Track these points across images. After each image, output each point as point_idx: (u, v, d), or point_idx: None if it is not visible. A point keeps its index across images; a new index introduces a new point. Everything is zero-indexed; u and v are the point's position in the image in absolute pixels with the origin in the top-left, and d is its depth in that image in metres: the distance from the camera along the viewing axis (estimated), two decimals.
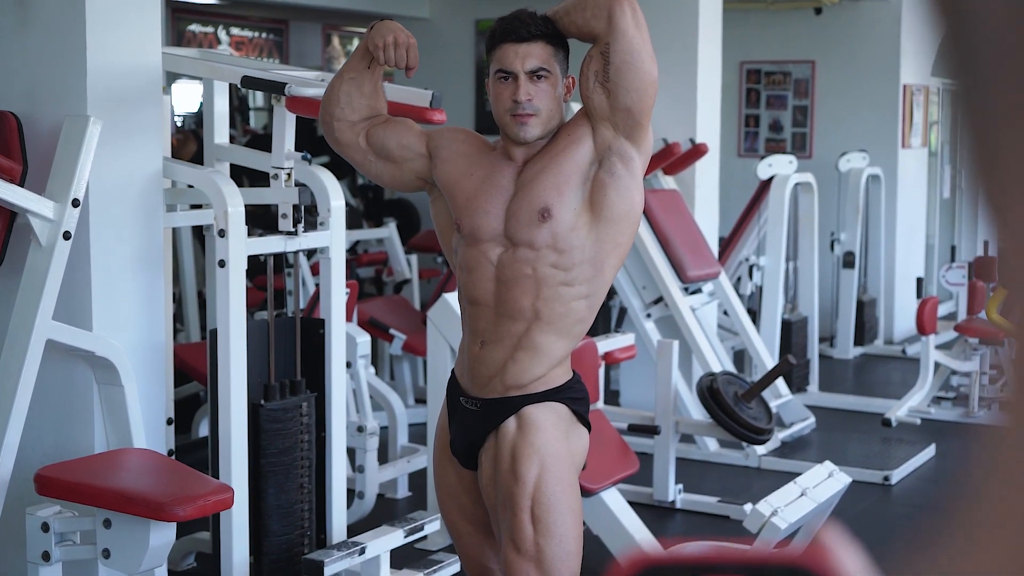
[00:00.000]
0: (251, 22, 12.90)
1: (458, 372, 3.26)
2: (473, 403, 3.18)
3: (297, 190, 4.30)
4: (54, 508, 3.71)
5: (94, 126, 3.90)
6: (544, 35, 3.11)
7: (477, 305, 3.15)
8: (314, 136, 11.57)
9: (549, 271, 3.07)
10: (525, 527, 3.01)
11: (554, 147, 3.11)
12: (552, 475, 3.05)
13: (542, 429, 3.09)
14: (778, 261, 7.99)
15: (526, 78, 3.08)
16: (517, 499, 3.02)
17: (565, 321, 3.11)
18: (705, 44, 7.47)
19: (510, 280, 3.10)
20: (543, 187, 3.07)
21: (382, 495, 5.81)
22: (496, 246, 3.12)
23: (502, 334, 3.11)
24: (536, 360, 3.11)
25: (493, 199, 3.13)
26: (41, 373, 3.83)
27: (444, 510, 3.33)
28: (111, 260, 4.09)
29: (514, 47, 3.10)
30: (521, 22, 3.11)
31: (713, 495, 5.97)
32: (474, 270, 3.15)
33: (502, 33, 3.13)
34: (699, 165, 7.50)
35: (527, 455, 3.06)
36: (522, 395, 3.12)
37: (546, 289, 3.08)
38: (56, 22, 4.03)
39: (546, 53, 3.10)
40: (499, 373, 3.12)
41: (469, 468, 3.23)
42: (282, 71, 4.49)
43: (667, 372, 5.86)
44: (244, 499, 4.12)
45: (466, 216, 3.15)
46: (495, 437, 3.13)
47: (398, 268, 8.81)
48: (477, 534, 3.27)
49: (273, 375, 4.38)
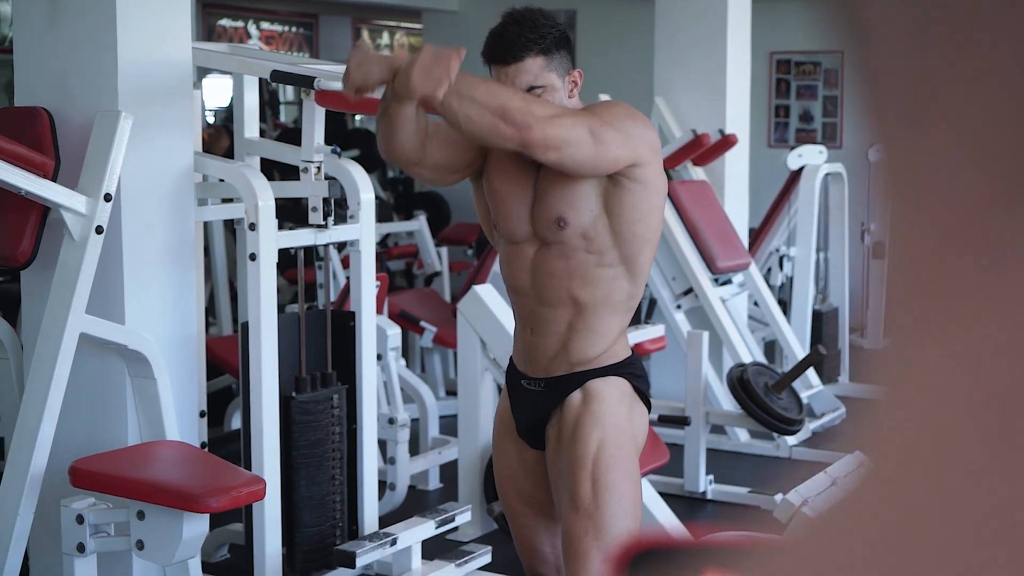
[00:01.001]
0: (281, 16, 12.94)
1: (515, 358, 3.32)
2: (536, 384, 3.24)
3: (327, 183, 4.32)
4: (88, 500, 3.74)
5: (125, 121, 3.93)
6: (532, 50, 3.06)
7: (518, 294, 3.24)
8: (344, 129, 11.60)
9: (583, 256, 3.13)
10: (584, 485, 3.07)
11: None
12: (613, 441, 3.12)
13: (606, 401, 3.16)
14: (808, 251, 7.96)
15: None
16: (578, 459, 3.09)
17: (611, 299, 3.17)
18: (734, 35, 7.46)
19: (546, 272, 3.17)
20: (555, 199, 3.11)
21: (413, 487, 5.83)
22: (531, 244, 3.20)
23: (548, 321, 3.18)
24: (593, 339, 3.18)
25: (520, 204, 3.19)
26: (75, 367, 3.86)
27: (502, 493, 3.39)
28: (143, 254, 4.12)
29: (503, 69, 3.08)
30: (507, 43, 3.07)
31: (744, 485, 5.97)
32: (513, 263, 3.24)
33: (490, 55, 3.11)
34: (729, 156, 7.49)
35: (590, 423, 3.13)
36: (586, 370, 3.18)
37: (585, 273, 3.14)
38: (87, 18, 4.06)
39: (537, 67, 3.07)
40: (560, 353, 3.19)
41: (537, 448, 3.28)
42: (311, 65, 4.51)
43: (697, 363, 5.86)
44: (276, 491, 4.14)
45: (501, 222, 3.23)
46: (560, 411, 3.19)
47: (428, 261, 8.82)
48: (534, 517, 3.33)
49: (304, 368, 4.40)
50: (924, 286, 0.38)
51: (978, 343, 0.35)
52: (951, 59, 0.36)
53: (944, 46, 0.36)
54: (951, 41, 0.36)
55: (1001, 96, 0.35)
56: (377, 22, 14.30)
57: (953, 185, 0.36)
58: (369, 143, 11.57)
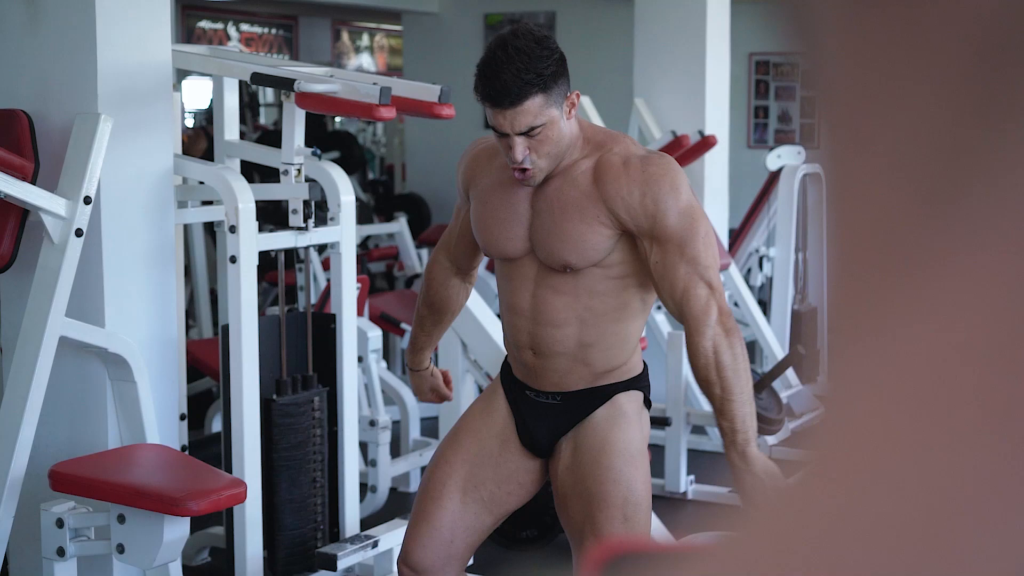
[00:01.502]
0: (260, 18, 12.92)
1: (514, 366, 3.23)
2: (549, 397, 3.14)
3: (307, 186, 4.31)
4: (68, 504, 3.73)
5: (105, 123, 3.92)
6: (532, 92, 2.91)
7: (516, 314, 3.13)
8: (324, 132, 11.60)
9: (592, 270, 3.03)
10: (616, 523, 2.99)
11: (568, 188, 3.04)
12: (642, 472, 3.06)
13: (633, 423, 3.09)
14: (788, 252, 7.98)
15: (521, 138, 2.95)
16: (610, 495, 3.00)
17: (621, 306, 3.07)
18: (713, 36, 7.47)
19: (550, 287, 3.06)
20: (560, 246, 3.01)
21: (395, 489, 5.83)
22: (532, 261, 3.09)
23: (552, 342, 3.07)
24: (612, 348, 3.08)
25: (516, 224, 3.09)
26: (54, 370, 3.85)
27: (444, 473, 3.21)
28: (123, 257, 4.11)
29: (501, 112, 2.92)
30: (503, 87, 2.89)
31: (725, 486, 5.98)
32: (513, 279, 3.13)
33: (485, 96, 2.95)
34: (708, 157, 7.50)
35: (621, 451, 3.04)
36: (612, 384, 3.10)
37: (596, 284, 3.04)
38: (66, 20, 4.05)
39: (535, 106, 2.92)
40: (573, 370, 3.08)
41: (539, 456, 3.20)
42: (292, 67, 4.51)
43: (678, 364, 5.88)
44: (257, 494, 4.14)
45: (490, 245, 3.14)
46: (583, 427, 3.09)
47: (409, 262, 8.83)
48: (462, 503, 3.19)
49: (285, 370, 4.40)
50: (859, 290, 0.38)
51: (911, 343, 0.36)
52: (888, 68, 0.37)
53: (881, 54, 0.37)
54: (888, 49, 0.37)
55: (932, 104, 0.36)
56: (357, 24, 14.30)
57: (886, 190, 0.37)
58: (349, 145, 11.57)
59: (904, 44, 0.36)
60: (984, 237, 0.35)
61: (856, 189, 0.38)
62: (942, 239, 0.36)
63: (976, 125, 0.35)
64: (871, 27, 0.37)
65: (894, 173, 0.37)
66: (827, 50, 0.39)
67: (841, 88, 0.39)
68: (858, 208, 0.38)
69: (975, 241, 0.35)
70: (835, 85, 0.39)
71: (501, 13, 10.82)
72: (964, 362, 0.35)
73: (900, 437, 0.36)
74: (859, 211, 0.38)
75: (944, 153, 0.36)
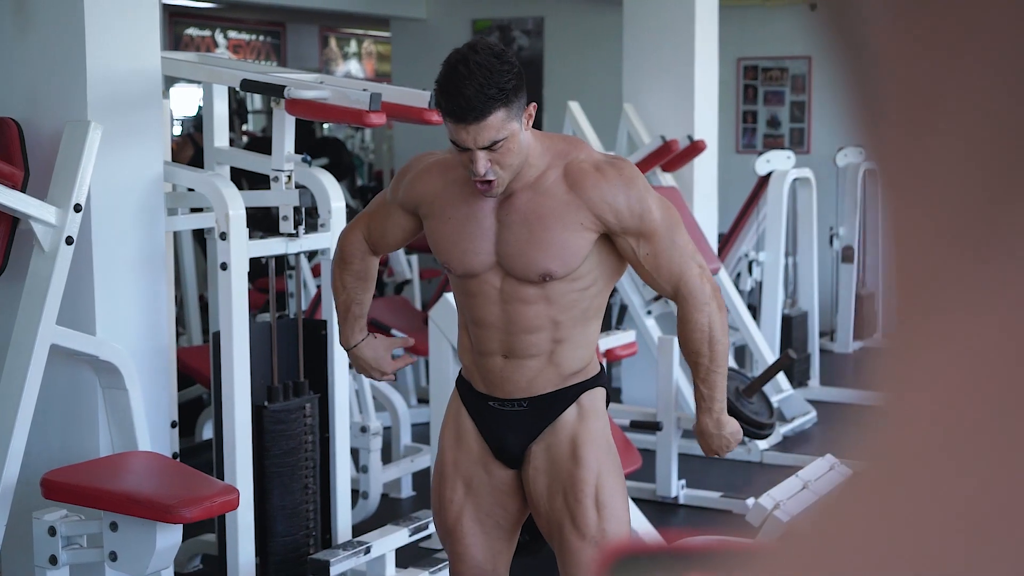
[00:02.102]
0: (248, 25, 12.92)
1: (473, 380, 3.22)
2: (516, 404, 3.15)
3: (298, 192, 4.31)
4: (60, 512, 3.72)
5: (95, 131, 3.92)
6: (494, 107, 2.90)
7: (482, 327, 3.13)
8: (313, 139, 11.59)
9: (558, 285, 3.06)
10: (590, 513, 3.08)
11: (541, 199, 3.05)
12: (612, 461, 3.15)
13: (600, 416, 3.17)
14: (777, 256, 8.00)
15: (483, 152, 2.94)
16: (582, 486, 3.08)
17: (590, 312, 3.14)
18: (702, 41, 7.49)
19: (519, 300, 3.08)
20: (540, 253, 3.03)
21: (386, 495, 5.83)
22: (496, 275, 3.10)
23: (526, 346, 3.10)
24: (579, 349, 3.14)
25: (479, 240, 3.08)
26: (46, 378, 3.85)
27: (452, 512, 3.24)
28: (113, 264, 4.11)
29: (464, 127, 2.91)
30: (466, 102, 2.87)
31: (716, 490, 5.99)
32: (476, 295, 3.13)
33: (447, 111, 2.93)
34: (697, 162, 7.51)
35: (589, 442, 3.12)
36: (579, 383, 3.15)
37: (562, 298, 3.07)
38: (56, 28, 4.04)
39: (498, 121, 2.91)
40: (545, 371, 3.12)
41: (511, 467, 3.21)
42: (281, 74, 4.51)
43: (668, 368, 5.88)
44: (249, 500, 4.14)
45: (455, 261, 3.12)
46: (553, 429, 3.14)
47: (398, 268, 8.82)
48: (482, 535, 3.23)
49: (276, 377, 4.39)
50: (925, 283, 0.38)
51: (978, 339, 0.36)
52: (951, 58, 0.37)
53: (944, 46, 0.37)
54: (951, 40, 0.37)
55: (1001, 93, 0.36)
56: (344, 30, 14.29)
57: (953, 182, 0.37)
58: (338, 151, 11.57)
59: (969, 34, 0.36)
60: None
61: (922, 180, 0.38)
62: (1011, 234, 0.36)
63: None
64: (931, 19, 0.37)
65: (964, 163, 0.37)
66: (882, 45, 0.39)
67: (900, 81, 0.39)
68: (924, 200, 0.38)
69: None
70: (892, 78, 0.39)
71: (489, 19, 10.82)
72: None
73: (960, 437, 0.36)
74: (925, 203, 0.38)
75: (1014, 147, 0.36)
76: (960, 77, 0.37)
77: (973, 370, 0.36)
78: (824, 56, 0.42)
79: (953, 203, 0.37)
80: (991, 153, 0.36)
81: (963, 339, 0.37)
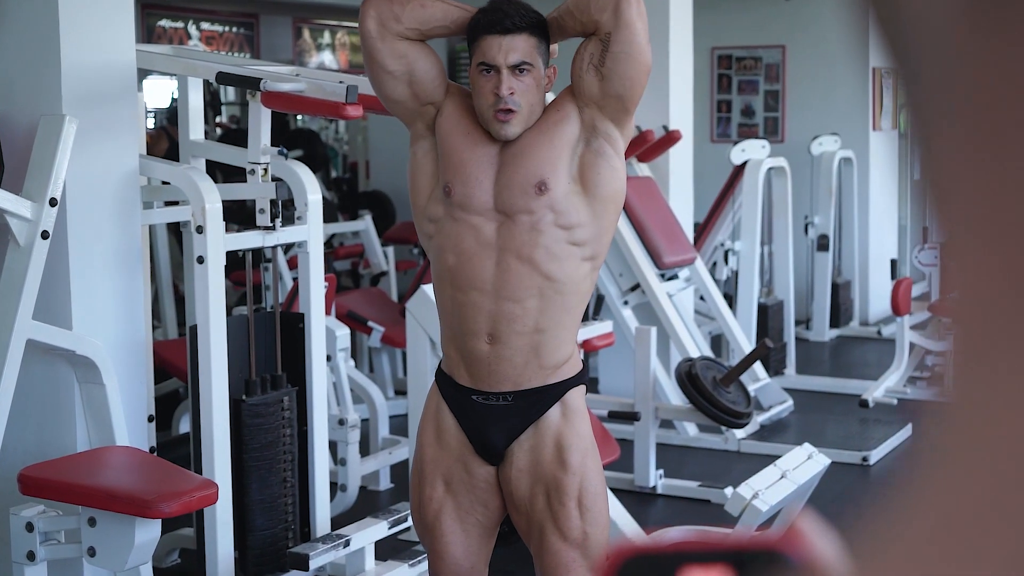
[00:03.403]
0: (221, 17, 12.87)
1: (454, 372, 3.16)
2: (500, 398, 3.12)
3: (275, 185, 4.30)
4: (38, 508, 3.71)
5: (70, 125, 3.90)
6: (528, 26, 3.06)
7: (472, 291, 3.06)
8: (287, 130, 11.56)
9: (554, 231, 3.03)
10: (572, 515, 3.08)
11: (541, 123, 3.08)
12: (594, 462, 3.14)
13: (583, 416, 3.16)
14: (753, 245, 8.02)
15: (508, 72, 3.02)
16: (566, 488, 3.08)
17: (575, 280, 3.07)
18: (676, 31, 7.49)
19: (513, 250, 3.03)
20: (537, 161, 3.03)
21: (364, 487, 5.82)
22: (489, 221, 3.05)
23: (512, 320, 3.04)
24: (561, 335, 3.09)
25: (483, 169, 3.07)
26: (22, 373, 3.83)
27: (431, 511, 3.21)
28: (89, 259, 4.09)
29: (497, 39, 3.03)
30: (504, 13, 3.05)
31: (694, 480, 6.00)
32: (467, 248, 3.06)
33: (485, 24, 3.06)
34: (673, 152, 7.52)
35: (573, 444, 3.10)
36: (562, 381, 3.12)
37: (554, 246, 3.03)
38: (29, 21, 4.02)
39: (529, 46, 3.05)
40: (530, 360, 3.08)
41: (491, 463, 3.18)
42: (256, 66, 4.49)
43: (645, 358, 5.89)
44: (228, 494, 4.13)
45: (458, 182, 3.07)
46: (536, 427, 3.11)
47: (375, 260, 8.81)
48: (462, 532, 3.20)
49: (254, 370, 4.38)
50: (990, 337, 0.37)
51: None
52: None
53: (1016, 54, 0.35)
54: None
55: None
56: (318, 22, 14.25)
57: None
58: (312, 143, 11.54)
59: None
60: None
61: (991, 216, 0.36)
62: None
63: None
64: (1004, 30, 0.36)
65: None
66: (952, 56, 0.37)
67: (973, 95, 0.37)
68: (993, 241, 0.36)
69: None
70: (965, 91, 0.37)
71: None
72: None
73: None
74: (994, 245, 0.36)
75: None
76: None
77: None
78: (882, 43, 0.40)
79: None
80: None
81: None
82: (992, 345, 0.36)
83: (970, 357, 0.37)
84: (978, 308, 0.37)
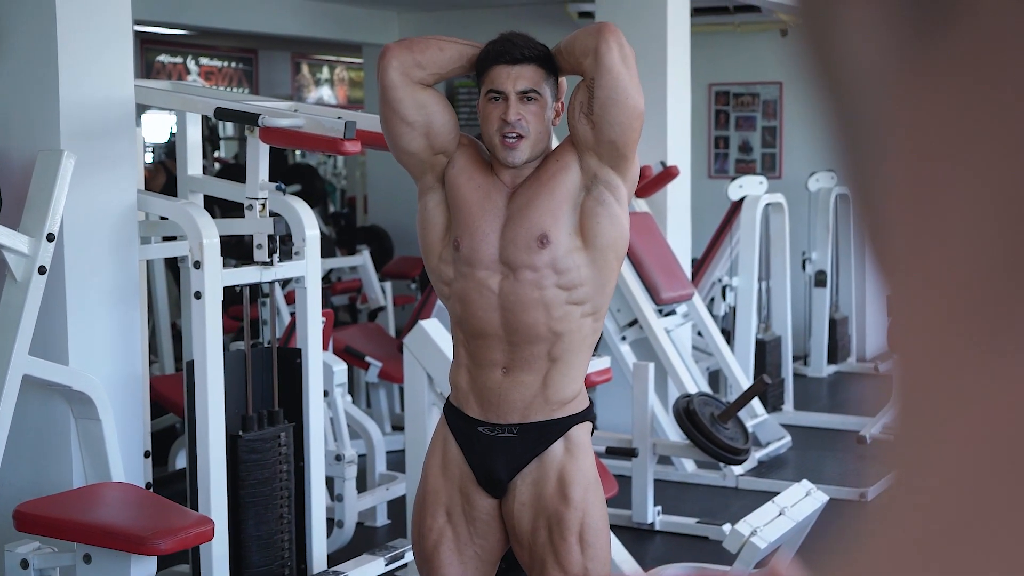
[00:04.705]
0: (220, 52, 12.90)
1: (463, 403, 3.20)
2: (506, 430, 3.15)
3: (272, 220, 4.30)
4: (33, 544, 3.69)
5: (68, 160, 3.90)
6: (536, 58, 3.12)
7: (484, 337, 3.13)
8: (285, 165, 11.57)
9: (554, 291, 3.08)
10: (574, 550, 3.09)
11: (543, 173, 3.11)
12: (598, 498, 3.16)
13: (588, 452, 3.18)
14: (751, 281, 8.02)
15: (516, 99, 3.08)
16: (567, 523, 3.10)
17: (579, 337, 3.14)
18: (674, 67, 7.51)
19: (517, 305, 3.09)
20: (539, 213, 3.07)
21: (361, 523, 5.80)
22: (495, 274, 3.11)
23: (527, 357, 3.11)
24: (571, 374, 3.15)
25: (490, 222, 3.11)
26: (18, 408, 3.82)
27: (431, 542, 3.22)
28: (87, 294, 4.08)
29: (506, 68, 3.10)
30: (514, 44, 3.12)
31: (692, 516, 5.98)
32: (474, 302, 3.12)
33: (495, 55, 3.12)
34: (671, 188, 7.53)
35: (576, 479, 3.13)
36: (569, 416, 3.16)
37: (555, 309, 3.09)
38: (28, 56, 4.03)
39: (537, 76, 3.11)
40: (539, 394, 3.13)
41: (494, 496, 3.20)
42: (255, 102, 4.50)
43: (643, 394, 5.88)
44: (224, 531, 4.11)
45: (466, 237, 3.12)
46: (540, 461, 3.14)
47: (372, 295, 8.80)
48: (460, 564, 3.21)
49: (251, 406, 4.37)
50: (931, 376, 0.37)
51: (980, 426, 0.35)
52: (961, 133, 0.36)
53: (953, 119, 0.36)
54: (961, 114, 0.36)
55: (1011, 168, 0.34)
56: (317, 57, 14.29)
57: (966, 258, 0.35)
58: (310, 178, 11.55)
59: (977, 111, 0.35)
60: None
61: (927, 258, 0.37)
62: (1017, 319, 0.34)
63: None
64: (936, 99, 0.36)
65: (978, 238, 0.35)
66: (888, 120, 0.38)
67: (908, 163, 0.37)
68: (931, 280, 0.37)
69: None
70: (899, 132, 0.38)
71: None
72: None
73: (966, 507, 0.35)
74: (932, 284, 0.37)
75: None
76: (969, 146, 0.35)
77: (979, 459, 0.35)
78: (806, 91, 0.41)
79: (967, 283, 0.36)
80: (1005, 223, 0.35)
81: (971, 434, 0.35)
82: (930, 376, 0.37)
83: (909, 389, 0.38)
84: (918, 340, 0.37)
